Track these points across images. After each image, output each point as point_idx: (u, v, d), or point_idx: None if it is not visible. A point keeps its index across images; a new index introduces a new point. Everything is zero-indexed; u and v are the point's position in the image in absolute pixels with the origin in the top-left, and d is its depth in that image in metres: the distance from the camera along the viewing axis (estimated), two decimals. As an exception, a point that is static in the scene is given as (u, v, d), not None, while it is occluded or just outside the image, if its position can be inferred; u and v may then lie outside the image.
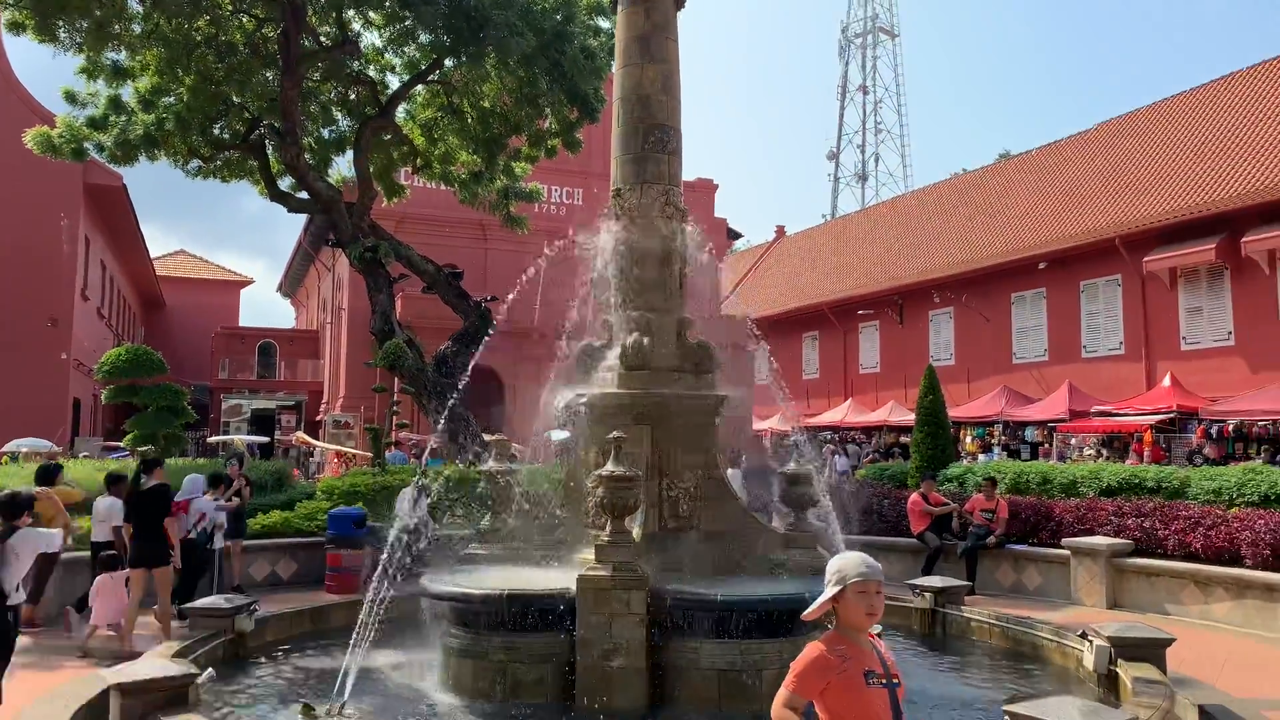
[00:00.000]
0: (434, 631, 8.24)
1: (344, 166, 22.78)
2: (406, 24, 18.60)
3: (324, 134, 21.92)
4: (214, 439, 37.81)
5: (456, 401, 15.54)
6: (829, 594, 3.36)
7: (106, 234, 37.95)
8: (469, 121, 20.65)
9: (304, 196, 20.77)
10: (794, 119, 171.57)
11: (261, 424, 42.06)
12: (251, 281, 62.12)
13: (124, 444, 21.30)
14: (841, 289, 39.21)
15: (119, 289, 43.71)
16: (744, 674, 7.34)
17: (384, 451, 19.33)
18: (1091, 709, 5.50)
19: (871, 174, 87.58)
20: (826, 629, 3.44)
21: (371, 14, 19.24)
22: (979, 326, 32.30)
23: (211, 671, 6.99)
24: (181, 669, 6.48)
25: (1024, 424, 27.91)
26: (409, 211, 32.06)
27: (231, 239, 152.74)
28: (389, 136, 21.17)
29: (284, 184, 21.13)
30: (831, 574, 3.39)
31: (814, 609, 3.41)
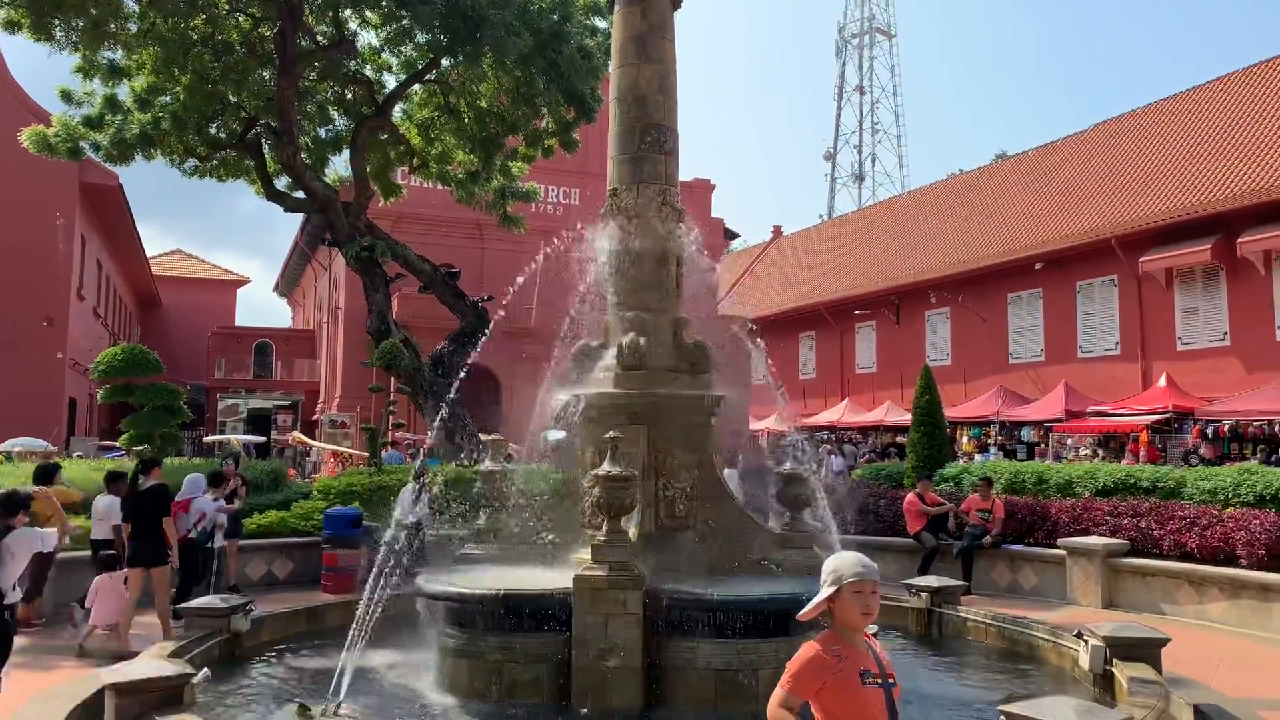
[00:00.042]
0: (430, 631, 8.23)
1: (340, 166, 22.78)
2: (403, 23, 18.62)
3: (320, 133, 21.91)
4: (210, 439, 37.79)
5: (453, 401, 15.54)
6: (825, 594, 3.35)
7: (102, 233, 37.88)
8: (466, 121, 20.65)
9: (300, 196, 20.76)
10: (791, 119, 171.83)
11: (258, 424, 42.05)
12: (248, 281, 62.08)
13: (120, 444, 21.26)
14: (838, 289, 39.22)
15: (115, 288, 43.65)
16: (740, 674, 7.34)
17: (380, 451, 19.33)
18: (1087, 709, 5.52)
19: (868, 174, 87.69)
20: (823, 629, 3.44)
21: (368, 13, 19.24)
22: (975, 327, 32.32)
23: (207, 671, 6.98)
24: (177, 669, 6.47)
25: (1020, 424, 27.94)
26: (406, 211, 32.05)
27: (228, 238, 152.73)
28: (386, 136, 21.17)
29: (280, 183, 21.12)
30: (827, 574, 3.39)
31: (810, 609, 3.41)
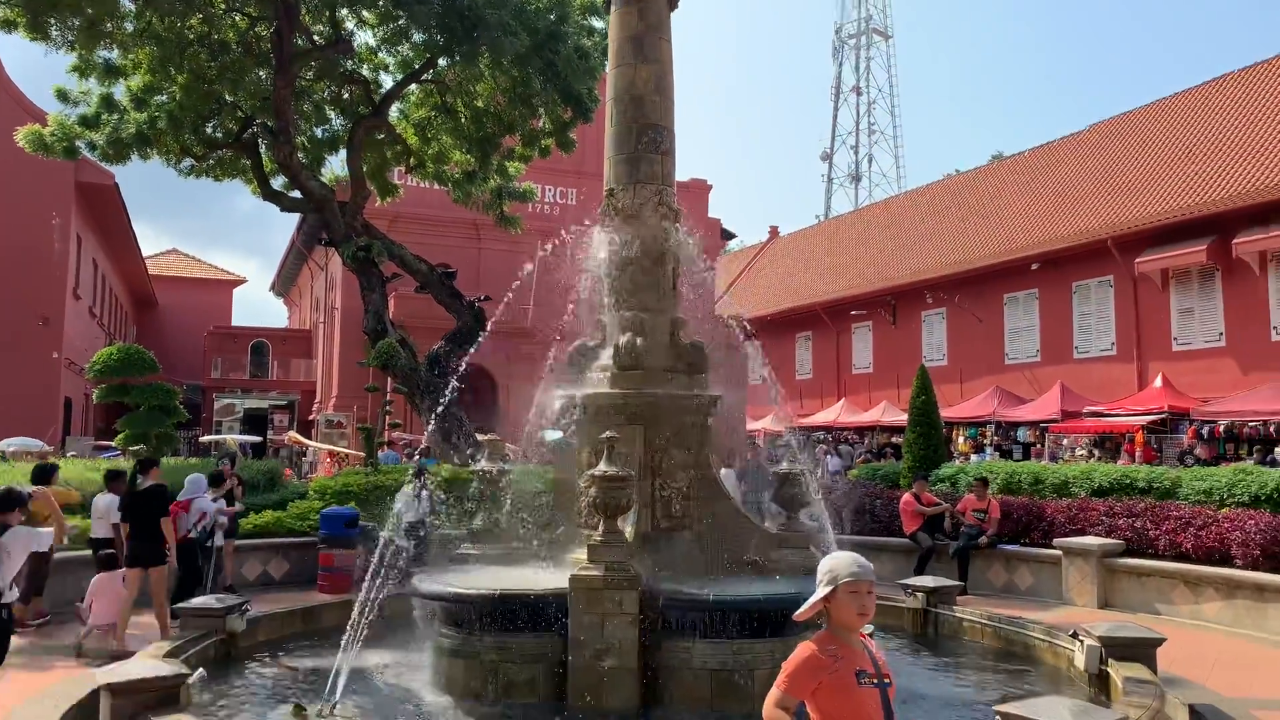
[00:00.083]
0: (426, 631, 8.23)
1: (337, 166, 22.74)
2: (400, 23, 18.58)
3: (317, 133, 21.86)
4: (206, 438, 37.72)
5: (449, 401, 15.52)
6: (821, 594, 3.36)
7: (98, 233, 37.80)
8: (462, 121, 20.62)
9: (297, 196, 20.72)
10: (788, 120, 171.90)
11: (254, 423, 41.95)
12: (244, 281, 61.94)
13: (115, 443, 21.22)
14: (835, 289, 39.26)
15: (111, 288, 43.57)
16: (736, 674, 7.35)
17: (377, 451, 19.32)
18: (1082, 709, 5.53)
19: (865, 175, 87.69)
20: (819, 629, 3.44)
21: (365, 13, 19.21)
22: (972, 327, 32.36)
23: (203, 672, 6.98)
24: (172, 669, 6.46)
25: (1016, 424, 27.98)
26: (402, 211, 32.00)
27: (224, 238, 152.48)
28: (382, 136, 21.14)
29: (277, 183, 21.09)
30: (823, 574, 3.40)
31: (806, 609, 3.41)
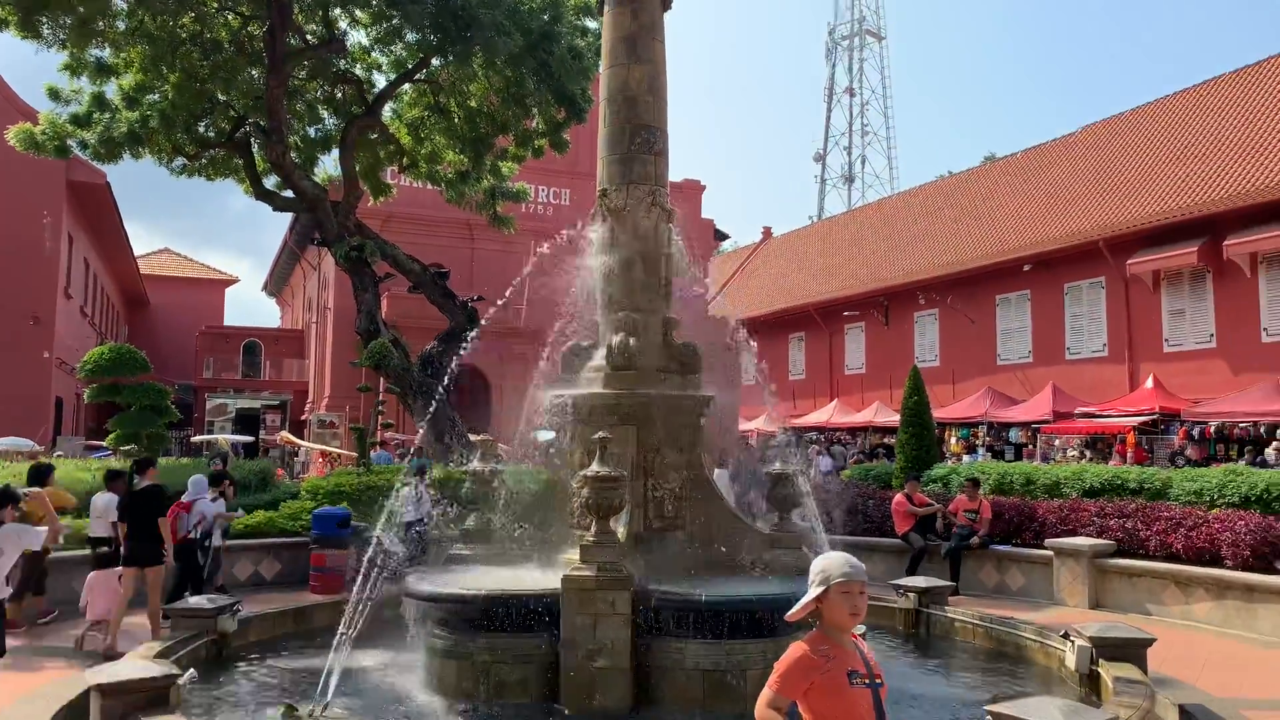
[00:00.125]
0: (418, 632, 8.21)
1: (330, 165, 22.71)
2: (393, 23, 18.56)
3: (310, 132, 21.83)
4: (198, 438, 37.61)
5: (442, 401, 15.50)
6: (813, 594, 3.36)
7: (90, 232, 37.67)
8: (456, 121, 20.60)
9: (289, 195, 20.67)
10: (781, 121, 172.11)
11: (246, 423, 41.86)
12: (236, 280, 61.82)
13: (106, 443, 21.16)
14: (827, 290, 39.31)
15: (102, 287, 43.43)
16: (728, 674, 7.35)
17: (369, 451, 19.27)
18: (1073, 709, 5.54)
19: (858, 176, 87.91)
20: (811, 629, 3.45)
21: (358, 12, 19.18)
22: (964, 328, 32.43)
23: (193, 672, 6.95)
24: (163, 670, 6.44)
25: (1008, 425, 28.06)
26: (395, 211, 31.96)
27: (216, 237, 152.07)
28: (375, 135, 21.10)
29: (269, 182, 21.04)
30: (815, 574, 3.40)
31: (798, 609, 3.42)
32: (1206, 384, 24.16)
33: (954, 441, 28.51)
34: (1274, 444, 20.56)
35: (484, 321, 18.60)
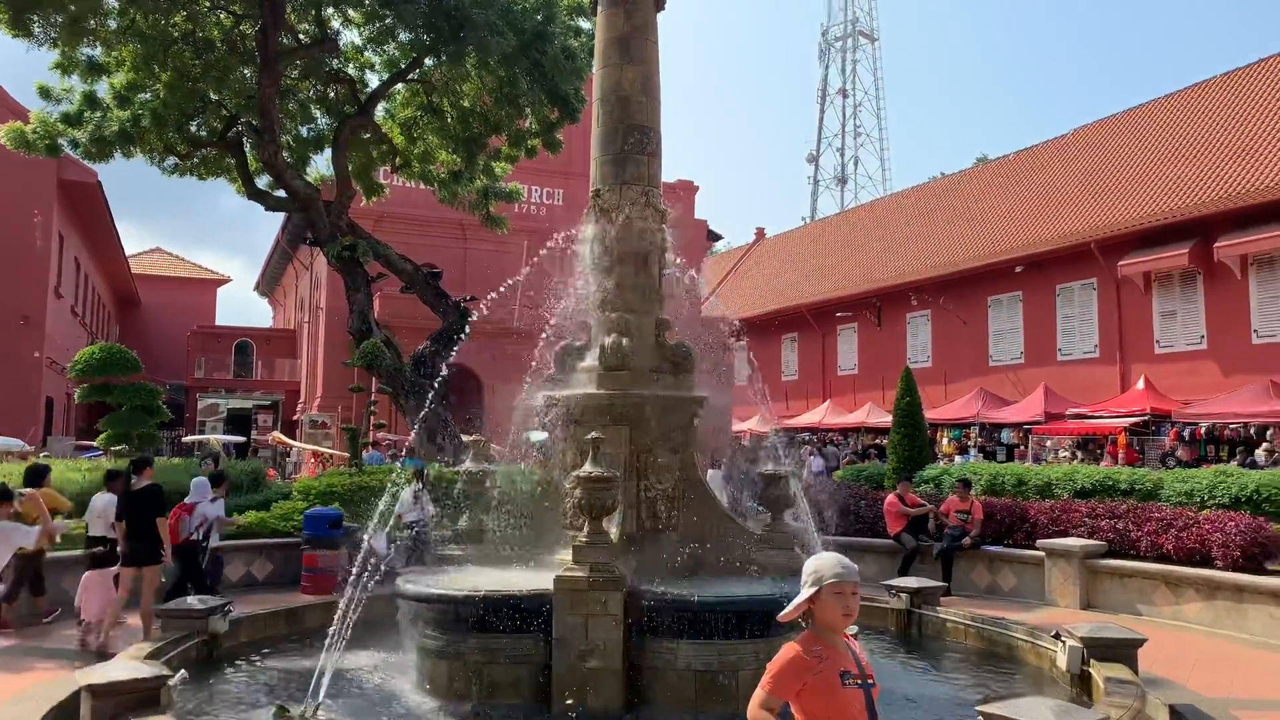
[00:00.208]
0: (410, 632, 8.19)
1: (322, 165, 22.67)
2: (386, 22, 18.55)
3: (302, 132, 21.79)
4: (189, 439, 37.49)
5: (434, 401, 15.48)
6: (805, 595, 3.36)
7: (81, 231, 37.52)
8: (449, 121, 20.58)
9: (282, 195, 20.64)
10: (774, 121, 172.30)
11: (238, 423, 41.72)
12: (228, 280, 61.58)
13: (97, 443, 21.10)
14: (820, 291, 39.36)
15: (93, 287, 43.24)
16: (721, 675, 7.35)
17: (361, 452, 19.25)
18: (1064, 709, 5.55)
19: (851, 177, 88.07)
20: (803, 630, 3.45)
21: (351, 12, 19.16)
22: (956, 329, 32.50)
23: (184, 673, 6.92)
24: (153, 670, 6.41)
25: (1000, 426, 28.10)
26: (388, 210, 31.92)
27: (208, 237, 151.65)
28: (368, 135, 21.08)
29: (261, 182, 21.00)
30: (808, 575, 3.40)
31: (790, 610, 3.41)
32: (1197, 385, 24.24)
33: (946, 442, 28.54)
34: (1264, 445, 20.62)
35: (475, 316, 18.58)
